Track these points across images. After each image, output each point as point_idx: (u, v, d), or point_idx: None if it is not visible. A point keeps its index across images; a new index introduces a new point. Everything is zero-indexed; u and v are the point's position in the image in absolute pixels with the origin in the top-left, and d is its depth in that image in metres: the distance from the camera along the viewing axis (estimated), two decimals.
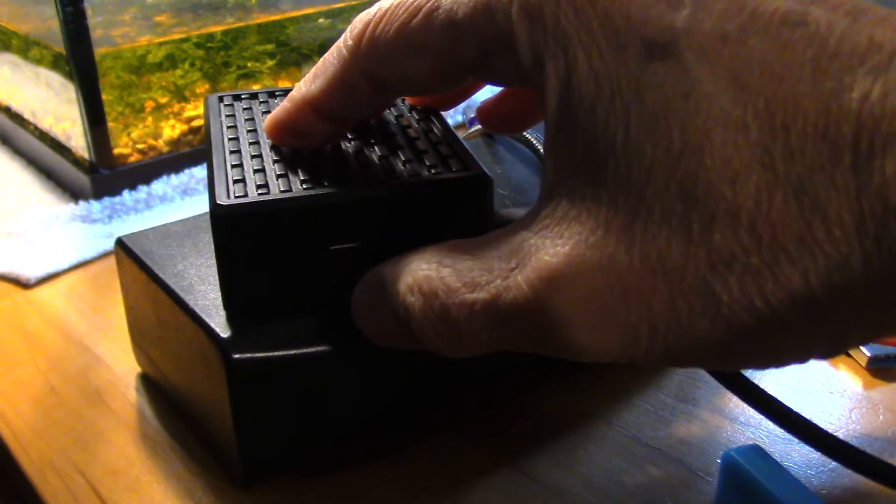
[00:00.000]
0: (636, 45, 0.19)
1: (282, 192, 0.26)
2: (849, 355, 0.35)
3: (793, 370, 0.34)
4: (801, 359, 0.20)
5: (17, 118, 0.59)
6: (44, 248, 0.45)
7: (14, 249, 0.45)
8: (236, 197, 0.26)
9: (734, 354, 0.19)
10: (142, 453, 0.31)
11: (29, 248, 0.45)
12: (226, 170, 0.27)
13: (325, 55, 0.26)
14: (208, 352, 0.27)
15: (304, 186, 0.26)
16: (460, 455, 0.31)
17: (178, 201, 0.51)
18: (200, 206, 0.50)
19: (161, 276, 0.30)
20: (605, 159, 0.19)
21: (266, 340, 0.27)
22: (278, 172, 0.27)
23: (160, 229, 0.33)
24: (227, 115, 0.32)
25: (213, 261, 0.27)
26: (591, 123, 0.19)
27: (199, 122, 0.53)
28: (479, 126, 0.42)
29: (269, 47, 0.57)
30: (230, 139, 0.30)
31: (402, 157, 0.28)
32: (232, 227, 0.26)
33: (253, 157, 0.28)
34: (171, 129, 0.53)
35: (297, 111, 0.27)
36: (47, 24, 0.60)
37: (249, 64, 0.56)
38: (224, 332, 0.27)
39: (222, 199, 0.26)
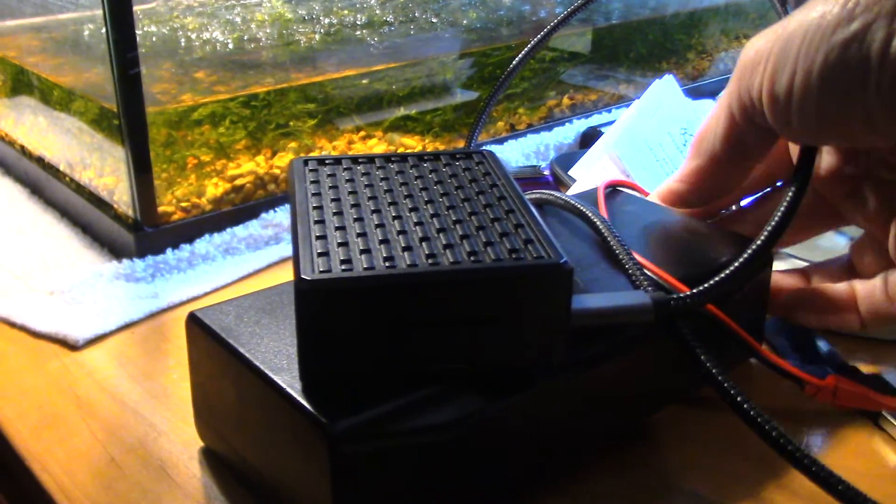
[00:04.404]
0: None
1: (365, 269, 0.27)
2: None
3: None
4: None
5: (50, 169, 0.58)
6: (90, 308, 0.45)
7: (59, 308, 0.45)
8: (321, 272, 0.26)
9: None
10: None
11: (75, 307, 0.45)
12: (310, 242, 0.28)
13: None
14: (308, 439, 0.26)
15: (387, 265, 0.27)
16: None
17: (220, 260, 0.50)
18: (243, 265, 0.50)
19: (248, 355, 0.29)
20: None
21: (372, 424, 0.26)
22: (361, 247, 0.28)
23: (233, 303, 0.33)
24: (311, 182, 0.32)
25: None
26: None
27: (241, 181, 0.53)
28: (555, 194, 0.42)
29: (311, 106, 0.57)
30: (314, 207, 0.30)
31: (483, 237, 0.29)
32: (315, 301, 0.26)
33: (337, 228, 0.29)
34: (214, 188, 0.53)
35: None
36: (83, 76, 0.60)
37: (291, 123, 0.56)
38: (327, 417, 0.26)
39: (307, 274, 0.26)
